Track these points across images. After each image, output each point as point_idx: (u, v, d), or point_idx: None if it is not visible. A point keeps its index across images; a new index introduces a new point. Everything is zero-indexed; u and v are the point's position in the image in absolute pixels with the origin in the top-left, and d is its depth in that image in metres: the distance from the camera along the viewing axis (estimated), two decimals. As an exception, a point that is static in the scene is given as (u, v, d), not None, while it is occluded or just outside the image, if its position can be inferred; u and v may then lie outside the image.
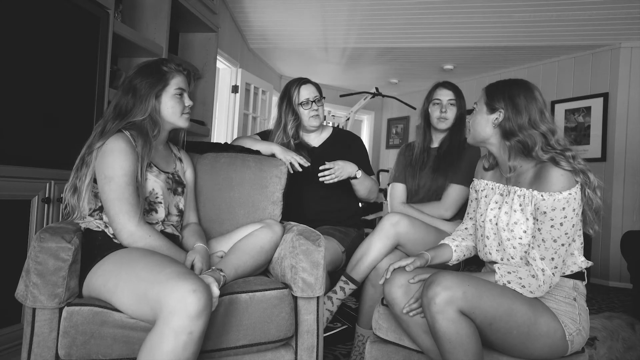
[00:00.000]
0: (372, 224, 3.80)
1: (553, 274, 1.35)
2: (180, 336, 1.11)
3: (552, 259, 1.35)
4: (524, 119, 1.41)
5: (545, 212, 1.35)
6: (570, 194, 1.33)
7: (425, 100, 2.21)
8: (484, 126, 1.50)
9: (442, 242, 1.69)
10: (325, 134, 2.30)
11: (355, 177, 2.08)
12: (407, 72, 5.78)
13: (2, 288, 1.68)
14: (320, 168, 2.00)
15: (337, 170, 2.00)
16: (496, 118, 1.47)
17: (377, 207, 4.65)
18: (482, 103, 1.51)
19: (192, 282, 1.16)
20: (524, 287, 1.35)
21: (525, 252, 1.42)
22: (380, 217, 2.28)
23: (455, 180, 2.07)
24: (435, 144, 2.21)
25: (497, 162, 1.57)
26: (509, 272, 1.38)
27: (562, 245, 1.35)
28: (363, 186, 2.15)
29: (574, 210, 1.34)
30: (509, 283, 1.36)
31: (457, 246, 1.65)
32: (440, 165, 2.11)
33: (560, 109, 4.79)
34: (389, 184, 2.32)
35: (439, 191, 2.11)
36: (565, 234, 1.34)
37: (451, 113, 2.13)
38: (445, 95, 2.14)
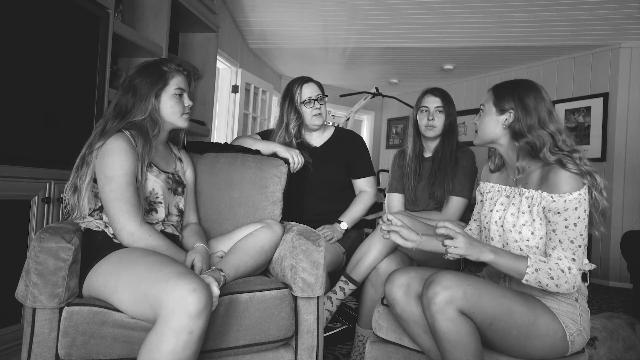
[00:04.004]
0: (372, 224, 3.80)
1: (578, 273, 1.32)
2: (181, 336, 1.11)
3: (574, 259, 1.33)
4: (534, 119, 1.40)
5: (559, 212, 1.33)
6: (580, 194, 1.32)
7: (414, 108, 2.19)
8: (494, 127, 1.48)
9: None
10: (327, 133, 2.30)
11: (346, 228, 2.15)
12: (407, 72, 5.78)
13: (2, 288, 1.68)
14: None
15: (328, 234, 2.06)
16: (506, 119, 1.45)
17: (377, 207, 4.65)
18: (490, 104, 1.49)
19: (192, 281, 1.16)
20: (552, 278, 1.31)
21: (548, 255, 1.38)
22: (381, 218, 2.28)
23: (453, 192, 2.07)
24: (428, 153, 2.19)
25: (503, 163, 1.57)
26: (540, 261, 1.33)
27: (579, 247, 1.33)
28: (359, 217, 2.21)
29: (585, 211, 1.33)
30: (538, 271, 1.31)
31: None
32: (437, 176, 2.10)
33: (560, 109, 4.79)
34: (384, 195, 2.32)
35: (439, 201, 2.11)
36: (580, 235, 1.33)
37: (439, 120, 2.10)
38: (432, 103, 2.11)
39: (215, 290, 1.26)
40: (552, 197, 1.35)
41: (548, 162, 1.39)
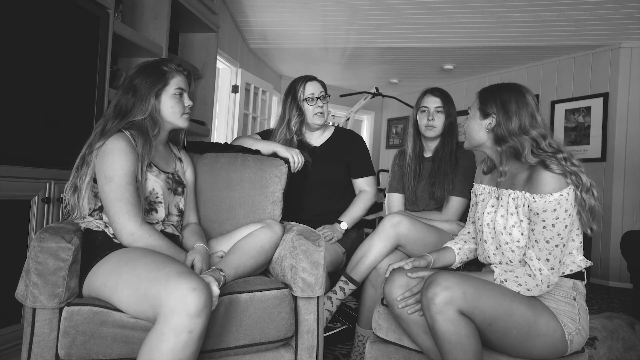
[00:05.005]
0: (372, 224, 3.80)
1: (550, 274, 1.36)
2: (181, 335, 1.11)
3: (547, 259, 1.35)
4: (514, 124, 1.42)
5: (537, 214, 1.36)
6: (561, 195, 1.33)
7: (414, 108, 2.19)
8: (478, 131, 1.51)
9: (444, 245, 1.69)
10: (327, 133, 2.30)
11: (347, 227, 2.15)
12: (407, 72, 5.78)
13: (2, 288, 1.68)
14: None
15: (328, 234, 2.05)
16: (489, 123, 1.48)
17: (377, 207, 4.66)
18: (475, 108, 1.53)
19: (192, 280, 1.16)
20: (521, 285, 1.36)
21: (524, 254, 1.42)
22: (381, 217, 2.28)
23: (454, 193, 2.07)
24: (428, 154, 2.19)
25: (494, 165, 1.58)
26: (506, 271, 1.39)
27: (556, 246, 1.35)
28: (359, 217, 2.20)
29: (566, 211, 1.34)
30: (506, 281, 1.37)
31: (459, 249, 1.65)
32: (437, 176, 2.10)
33: (560, 109, 4.79)
34: (384, 195, 2.32)
35: (439, 201, 2.11)
36: (558, 234, 1.34)
37: (439, 121, 2.10)
38: (432, 103, 2.11)
39: (215, 290, 1.26)
40: (533, 197, 1.36)
41: (532, 164, 1.40)
